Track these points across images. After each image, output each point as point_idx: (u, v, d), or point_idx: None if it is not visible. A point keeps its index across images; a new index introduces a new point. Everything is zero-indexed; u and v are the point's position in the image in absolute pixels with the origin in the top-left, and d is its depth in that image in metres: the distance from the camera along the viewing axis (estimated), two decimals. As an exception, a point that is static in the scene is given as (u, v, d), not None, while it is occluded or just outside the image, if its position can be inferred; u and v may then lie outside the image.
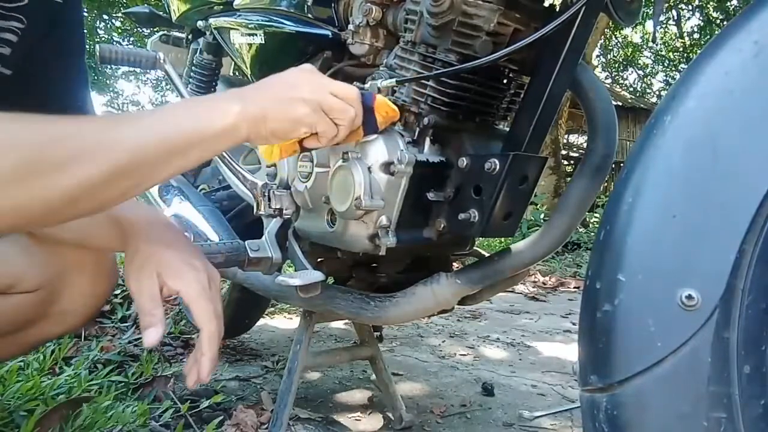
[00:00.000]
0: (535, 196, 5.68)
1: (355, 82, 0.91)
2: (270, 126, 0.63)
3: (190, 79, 1.43)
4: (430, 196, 0.81)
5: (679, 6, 13.10)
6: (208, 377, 0.67)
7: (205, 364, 0.66)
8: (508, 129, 0.86)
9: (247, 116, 0.60)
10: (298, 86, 0.65)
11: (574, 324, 2.42)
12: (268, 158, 0.77)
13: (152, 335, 0.63)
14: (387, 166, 0.78)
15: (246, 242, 0.96)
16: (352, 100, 0.69)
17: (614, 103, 0.91)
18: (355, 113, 0.70)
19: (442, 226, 0.82)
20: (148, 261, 0.67)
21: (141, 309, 0.65)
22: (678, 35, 16.01)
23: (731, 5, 10.56)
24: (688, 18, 15.45)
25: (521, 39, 0.72)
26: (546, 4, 0.81)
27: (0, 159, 0.47)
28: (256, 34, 1.12)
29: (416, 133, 0.82)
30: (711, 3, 12.02)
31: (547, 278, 3.72)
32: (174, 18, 1.49)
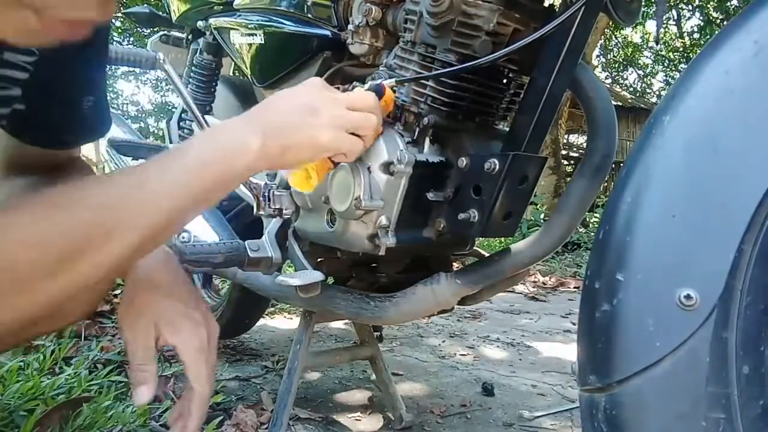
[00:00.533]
0: (535, 196, 5.68)
1: (355, 82, 0.91)
2: (291, 156, 0.61)
3: (190, 79, 1.43)
4: (430, 196, 0.80)
5: (679, 6, 13.10)
6: None
7: (191, 426, 0.64)
8: (508, 129, 0.86)
9: (266, 153, 0.58)
10: (317, 110, 0.62)
11: (574, 324, 2.42)
12: (306, 188, 0.75)
13: (144, 394, 0.61)
14: (387, 166, 0.78)
15: (246, 242, 0.96)
16: (371, 108, 0.67)
17: (614, 103, 0.91)
18: (377, 119, 0.68)
19: (442, 226, 0.82)
20: (145, 310, 0.64)
21: (133, 362, 0.62)
22: (678, 35, 16.01)
23: (731, 5, 10.56)
24: (688, 18, 15.45)
25: (521, 39, 0.72)
26: (546, 4, 0.81)
27: (40, 255, 0.46)
28: (256, 34, 1.13)
29: (416, 133, 0.82)
30: (711, 3, 12.01)
31: (547, 278, 3.72)
32: (174, 18, 1.49)
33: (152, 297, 0.64)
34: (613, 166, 0.84)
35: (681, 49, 15.73)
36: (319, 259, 1.02)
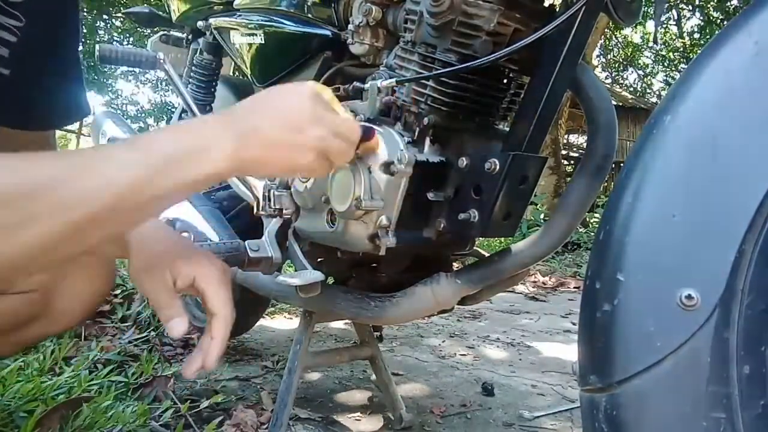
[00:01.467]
0: (535, 196, 5.68)
1: (355, 82, 0.91)
2: (261, 170, 0.59)
3: (190, 79, 1.43)
4: (430, 196, 0.80)
5: (679, 6, 13.10)
6: (215, 364, 0.64)
7: (214, 347, 0.63)
8: (508, 129, 0.86)
9: (237, 162, 0.55)
10: (303, 129, 0.58)
11: (574, 324, 2.42)
12: None
13: (178, 325, 0.62)
14: (387, 166, 0.78)
15: (246, 242, 0.96)
16: (352, 142, 0.65)
17: (614, 103, 0.91)
18: (352, 154, 0.66)
19: (442, 226, 0.82)
20: (157, 259, 0.65)
21: (158, 304, 0.63)
22: (678, 35, 16.01)
23: (731, 5, 10.55)
24: (688, 18, 15.46)
25: (521, 39, 0.72)
26: (546, 4, 0.81)
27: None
28: (256, 34, 1.13)
29: (416, 133, 0.82)
30: (711, 3, 12.01)
31: (547, 278, 3.72)
32: (174, 18, 1.49)
33: (159, 249, 0.66)
34: (613, 166, 0.84)
35: (681, 49, 15.73)
36: (319, 259, 1.02)
